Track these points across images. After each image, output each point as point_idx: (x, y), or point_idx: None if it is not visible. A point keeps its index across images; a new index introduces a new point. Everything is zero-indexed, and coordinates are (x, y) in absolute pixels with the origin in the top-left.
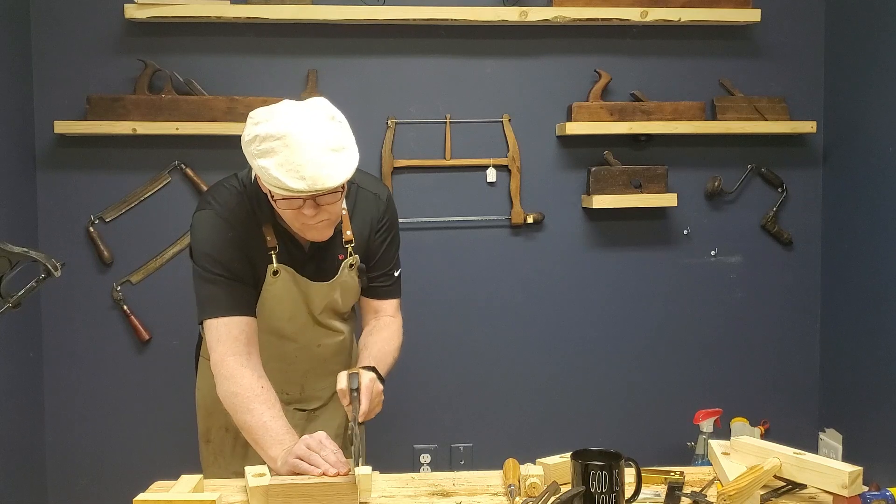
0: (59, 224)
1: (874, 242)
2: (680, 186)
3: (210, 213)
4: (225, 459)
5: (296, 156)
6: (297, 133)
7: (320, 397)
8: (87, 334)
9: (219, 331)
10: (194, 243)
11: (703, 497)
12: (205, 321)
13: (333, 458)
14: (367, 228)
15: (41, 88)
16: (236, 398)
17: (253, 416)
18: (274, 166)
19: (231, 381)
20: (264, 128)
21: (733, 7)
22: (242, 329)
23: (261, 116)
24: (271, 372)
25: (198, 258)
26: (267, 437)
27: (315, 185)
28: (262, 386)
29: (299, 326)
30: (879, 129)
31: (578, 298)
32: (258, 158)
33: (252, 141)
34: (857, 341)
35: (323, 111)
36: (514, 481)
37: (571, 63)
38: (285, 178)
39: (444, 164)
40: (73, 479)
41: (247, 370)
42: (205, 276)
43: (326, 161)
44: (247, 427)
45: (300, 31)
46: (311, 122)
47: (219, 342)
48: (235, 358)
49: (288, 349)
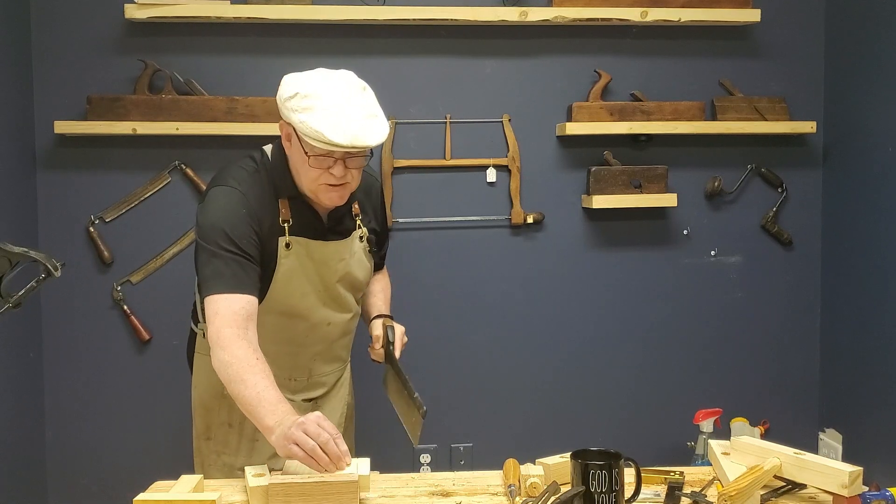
0: (59, 224)
1: (874, 242)
2: (680, 186)
3: (227, 189)
4: (229, 456)
5: (338, 111)
6: (336, 94)
7: (325, 384)
8: (87, 334)
9: (219, 304)
10: (205, 218)
11: (703, 497)
12: (206, 297)
13: (333, 449)
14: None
15: (41, 88)
16: (230, 367)
17: (247, 387)
18: (316, 120)
19: (226, 350)
20: (305, 86)
21: (733, 7)
22: (243, 306)
23: (298, 77)
24: (281, 356)
25: (207, 233)
26: (261, 407)
27: (356, 140)
28: (258, 358)
29: (311, 303)
30: (879, 129)
31: (578, 298)
32: (299, 113)
33: (293, 97)
34: (857, 341)
35: (355, 81)
36: (514, 481)
37: (571, 63)
38: (328, 132)
39: (444, 164)
40: (73, 478)
41: (243, 342)
42: (212, 252)
43: (365, 122)
44: (241, 397)
45: (300, 31)
46: (347, 87)
47: (217, 314)
48: (232, 330)
49: (298, 330)
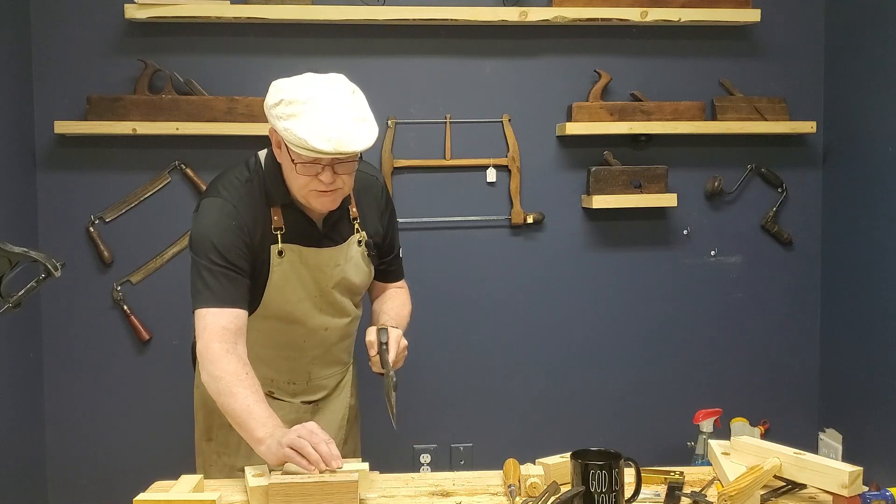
0: (59, 224)
1: (874, 242)
2: (680, 186)
3: (218, 200)
4: (230, 457)
5: (323, 118)
6: (323, 99)
7: (325, 387)
8: (87, 334)
9: (207, 319)
10: (197, 230)
11: (703, 497)
12: (196, 310)
13: (325, 449)
14: (374, 210)
15: (41, 88)
16: (220, 382)
17: (236, 400)
18: (301, 127)
19: (215, 365)
20: (290, 93)
21: (733, 7)
22: (232, 320)
23: (285, 83)
24: (280, 360)
25: (198, 246)
26: (251, 420)
27: (340, 147)
28: (247, 373)
29: (308, 308)
30: (879, 129)
31: (578, 298)
32: (283, 120)
33: (278, 104)
34: (857, 341)
35: (344, 84)
36: (514, 481)
37: (571, 63)
38: (312, 139)
39: (444, 164)
40: (73, 479)
41: (232, 356)
42: (202, 266)
43: (351, 127)
44: (230, 410)
45: (300, 31)
46: (335, 91)
47: (205, 329)
48: (221, 344)
49: (296, 334)
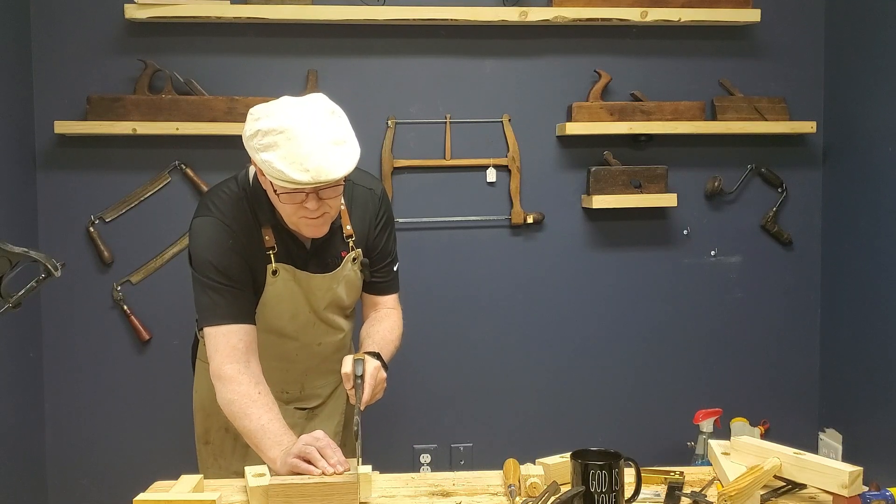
0: (59, 224)
1: (874, 242)
2: (680, 186)
3: (210, 219)
4: (225, 460)
5: (299, 148)
6: (299, 127)
7: (320, 395)
8: (87, 334)
9: (217, 339)
10: (194, 250)
11: (703, 497)
12: (204, 329)
13: (331, 454)
14: (365, 224)
15: (41, 88)
16: (233, 405)
17: (251, 421)
18: (277, 159)
19: (228, 388)
20: (266, 122)
21: (733, 7)
22: (241, 337)
23: (261, 112)
24: (272, 371)
25: (198, 265)
26: (266, 439)
27: (319, 176)
28: (260, 392)
29: (300, 325)
30: (879, 129)
31: (578, 298)
32: (261, 153)
33: (254, 136)
34: (857, 341)
35: (323, 106)
36: (514, 481)
37: (571, 63)
38: (289, 171)
39: (444, 164)
40: (74, 479)
41: (244, 377)
42: (205, 283)
43: (329, 153)
44: (246, 431)
45: (300, 31)
46: (312, 116)
47: (217, 351)
48: (233, 366)
49: (289, 348)
